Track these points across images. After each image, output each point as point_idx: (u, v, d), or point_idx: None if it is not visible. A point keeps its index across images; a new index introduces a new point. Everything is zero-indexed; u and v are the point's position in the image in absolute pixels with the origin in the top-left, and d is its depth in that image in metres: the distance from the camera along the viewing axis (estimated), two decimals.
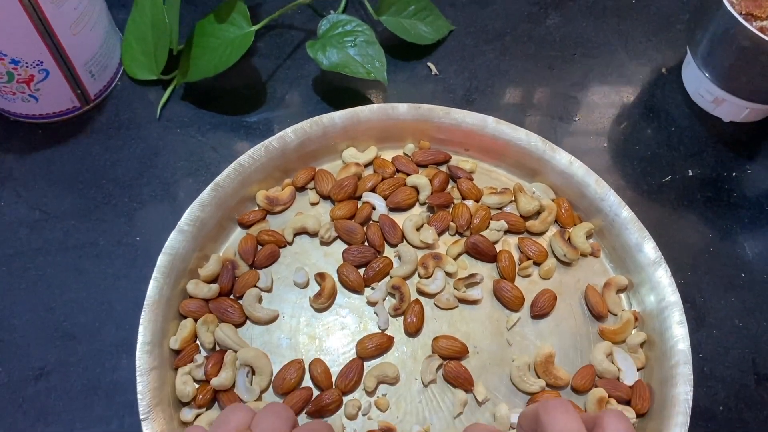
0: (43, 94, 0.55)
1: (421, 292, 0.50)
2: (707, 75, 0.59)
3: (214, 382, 0.45)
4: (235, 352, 0.47)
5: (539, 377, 0.48)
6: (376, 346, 0.47)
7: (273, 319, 0.49)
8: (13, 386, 0.47)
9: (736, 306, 0.53)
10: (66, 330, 0.49)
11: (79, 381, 0.48)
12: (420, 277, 0.51)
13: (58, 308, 0.50)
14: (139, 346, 0.45)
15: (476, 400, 0.46)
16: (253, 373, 0.46)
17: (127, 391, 0.47)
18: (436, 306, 0.50)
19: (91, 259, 0.52)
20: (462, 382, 0.47)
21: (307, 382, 0.47)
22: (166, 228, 0.49)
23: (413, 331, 0.49)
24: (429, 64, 0.64)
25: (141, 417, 0.43)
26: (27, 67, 0.52)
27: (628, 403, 0.47)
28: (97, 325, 0.50)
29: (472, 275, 0.51)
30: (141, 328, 0.45)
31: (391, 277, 0.50)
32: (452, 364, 0.47)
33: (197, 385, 0.46)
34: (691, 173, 0.59)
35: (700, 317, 0.52)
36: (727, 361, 0.51)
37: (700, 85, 0.61)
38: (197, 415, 0.45)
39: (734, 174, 0.59)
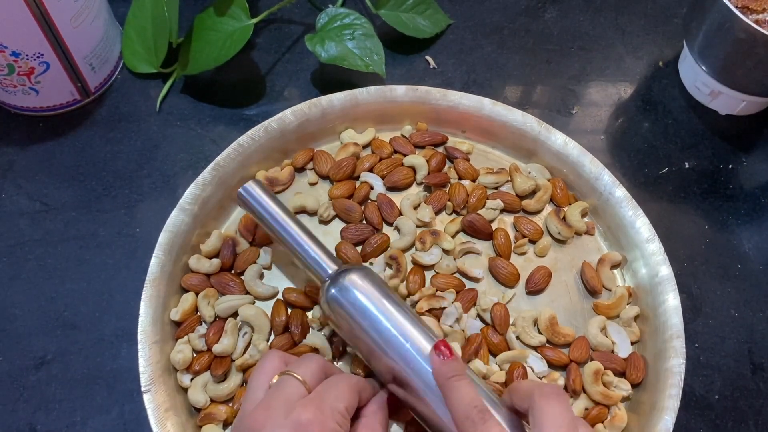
0: (43, 86, 0.55)
1: (415, 263, 0.51)
2: (704, 68, 0.59)
3: (216, 348, 0.46)
4: (235, 316, 0.48)
5: (540, 333, 0.49)
6: None
7: (273, 296, 0.50)
8: (15, 375, 0.48)
9: (732, 296, 0.53)
10: (66, 319, 0.50)
11: (79, 370, 0.48)
12: (417, 251, 0.52)
13: (59, 298, 0.50)
14: (141, 320, 0.45)
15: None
16: (253, 331, 0.48)
17: (128, 380, 0.47)
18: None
19: (92, 250, 0.53)
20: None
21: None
22: (165, 219, 0.49)
23: (412, 293, 0.49)
24: (427, 57, 0.64)
25: (143, 389, 0.43)
26: (27, 59, 0.52)
27: (623, 374, 0.48)
28: (97, 315, 0.50)
29: (470, 242, 0.51)
30: (143, 304, 0.46)
31: (390, 248, 0.51)
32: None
33: (194, 354, 0.47)
34: (687, 165, 0.59)
35: (697, 307, 0.53)
36: (723, 350, 0.51)
37: (696, 78, 0.61)
38: (192, 378, 0.46)
39: (730, 166, 0.60)
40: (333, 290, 0.43)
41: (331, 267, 0.45)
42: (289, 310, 0.49)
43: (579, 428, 0.35)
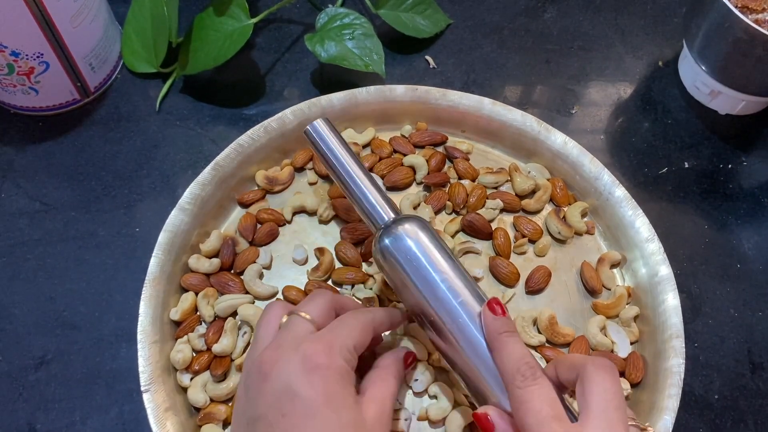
0: (43, 86, 0.55)
1: None
2: (703, 68, 0.59)
3: (216, 348, 0.46)
4: (234, 316, 0.48)
5: (540, 333, 0.49)
6: (351, 279, 0.50)
7: (273, 295, 0.50)
8: (14, 375, 0.48)
9: (732, 296, 0.53)
10: (66, 319, 0.50)
11: (79, 370, 0.48)
12: None
13: (59, 298, 0.50)
14: (140, 320, 0.45)
15: None
16: (252, 330, 0.48)
17: (127, 380, 0.47)
18: None
19: (91, 250, 0.53)
20: None
21: None
22: (165, 219, 0.49)
23: None
24: (427, 57, 0.64)
25: (142, 389, 0.43)
26: (27, 59, 0.52)
27: (622, 374, 0.48)
28: (97, 315, 0.50)
29: (470, 242, 0.51)
30: (142, 303, 0.46)
31: None
32: None
33: (194, 354, 0.47)
34: (687, 165, 0.59)
35: (696, 307, 0.53)
36: (722, 350, 0.51)
37: (696, 77, 0.61)
38: (192, 378, 0.46)
39: (730, 166, 0.60)
40: (386, 239, 0.42)
41: (388, 215, 0.44)
42: None
43: (626, 408, 0.34)
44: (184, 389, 0.46)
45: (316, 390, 0.35)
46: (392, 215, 0.44)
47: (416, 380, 0.46)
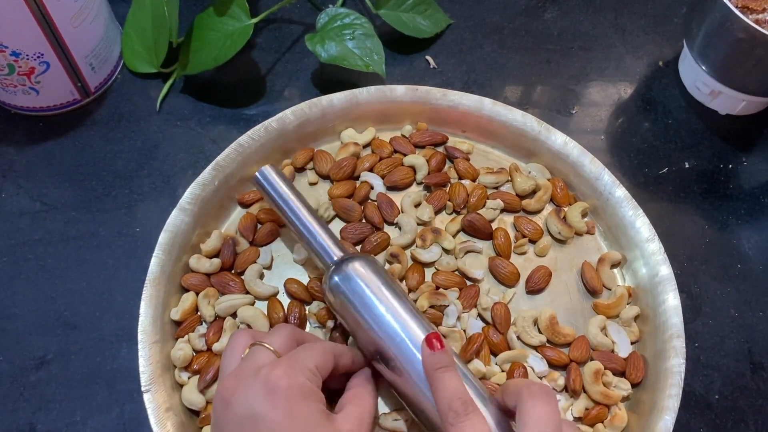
0: (43, 86, 0.55)
1: (415, 260, 0.51)
2: (704, 68, 0.59)
3: (216, 346, 0.46)
4: (234, 317, 0.48)
5: (541, 333, 0.49)
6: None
7: (273, 295, 0.50)
8: (14, 375, 0.48)
9: (732, 296, 0.53)
10: (67, 319, 0.50)
11: (79, 370, 0.48)
12: (417, 248, 0.52)
13: (59, 298, 0.50)
14: (141, 320, 0.45)
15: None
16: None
17: (128, 380, 0.47)
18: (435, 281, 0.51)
19: (92, 250, 0.53)
20: None
21: None
22: (165, 219, 0.49)
23: (412, 290, 0.50)
24: (427, 57, 0.64)
25: (143, 389, 0.43)
26: (28, 59, 0.52)
27: (623, 374, 0.48)
28: (97, 315, 0.50)
29: (470, 242, 0.52)
30: (143, 303, 0.46)
31: (391, 245, 0.51)
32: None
33: (193, 353, 0.47)
34: (687, 165, 0.59)
35: (696, 307, 0.53)
36: (722, 350, 0.51)
37: (696, 78, 0.61)
38: (189, 377, 0.46)
39: (730, 166, 0.60)
40: (335, 277, 0.44)
41: (336, 254, 0.46)
42: (287, 304, 0.49)
43: (564, 430, 0.35)
44: None
45: (280, 410, 0.35)
46: (340, 254, 0.46)
47: None
